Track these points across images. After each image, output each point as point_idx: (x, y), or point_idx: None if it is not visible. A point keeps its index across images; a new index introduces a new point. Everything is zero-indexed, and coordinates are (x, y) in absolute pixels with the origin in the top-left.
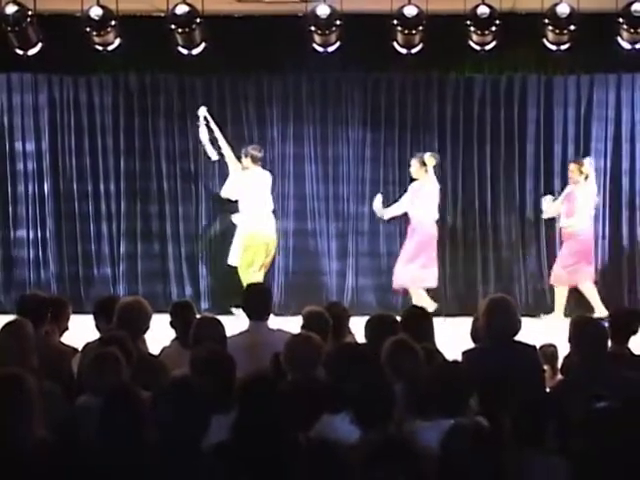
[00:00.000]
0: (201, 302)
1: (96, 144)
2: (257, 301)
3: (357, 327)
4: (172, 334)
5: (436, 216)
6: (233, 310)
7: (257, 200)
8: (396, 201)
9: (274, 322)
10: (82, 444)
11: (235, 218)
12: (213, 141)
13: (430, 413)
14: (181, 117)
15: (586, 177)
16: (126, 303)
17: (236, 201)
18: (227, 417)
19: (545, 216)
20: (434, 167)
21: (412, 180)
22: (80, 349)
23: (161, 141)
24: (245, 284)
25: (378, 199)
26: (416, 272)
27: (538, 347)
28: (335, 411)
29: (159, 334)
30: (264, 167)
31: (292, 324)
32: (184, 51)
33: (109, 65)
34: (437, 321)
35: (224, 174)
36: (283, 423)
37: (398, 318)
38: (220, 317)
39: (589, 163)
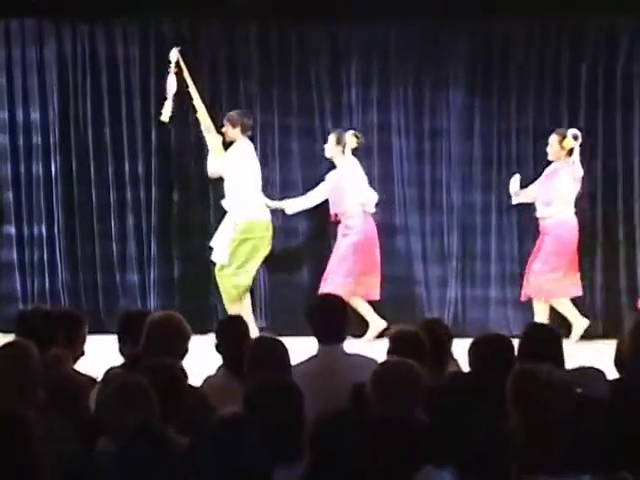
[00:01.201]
0: (257, 319)
1: (119, 111)
2: (330, 318)
3: (461, 352)
4: (218, 360)
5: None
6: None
7: (253, 180)
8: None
9: (351, 346)
10: None
11: (225, 203)
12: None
13: (560, 467)
14: (230, 73)
15: (570, 153)
16: (158, 320)
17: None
18: (293, 469)
19: (514, 201)
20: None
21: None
22: (99, 379)
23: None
24: (227, 289)
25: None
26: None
27: None
28: (440, 464)
29: (201, 360)
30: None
31: (376, 348)
32: None
33: (136, 10)
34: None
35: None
36: (371, 476)
37: (515, 341)
38: (282, 338)
39: (572, 136)
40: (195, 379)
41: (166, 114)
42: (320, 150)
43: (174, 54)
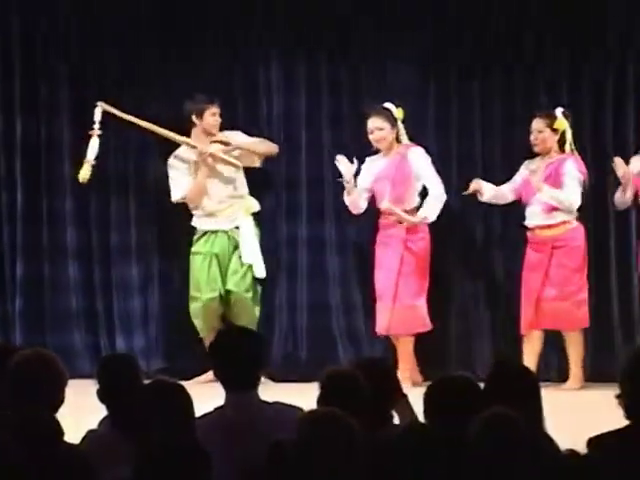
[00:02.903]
0: (151, 358)
1: None
2: (239, 358)
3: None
4: (102, 411)
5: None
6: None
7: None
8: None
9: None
10: None
11: (242, 205)
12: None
13: None
14: None
15: (563, 143)
16: (24, 359)
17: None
18: None
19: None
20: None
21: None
22: None
23: None
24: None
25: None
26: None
27: None
28: None
29: (81, 410)
30: None
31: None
32: None
33: None
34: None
35: None
36: None
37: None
38: (184, 383)
39: (562, 114)
40: (73, 434)
41: (84, 176)
42: None
43: (98, 113)
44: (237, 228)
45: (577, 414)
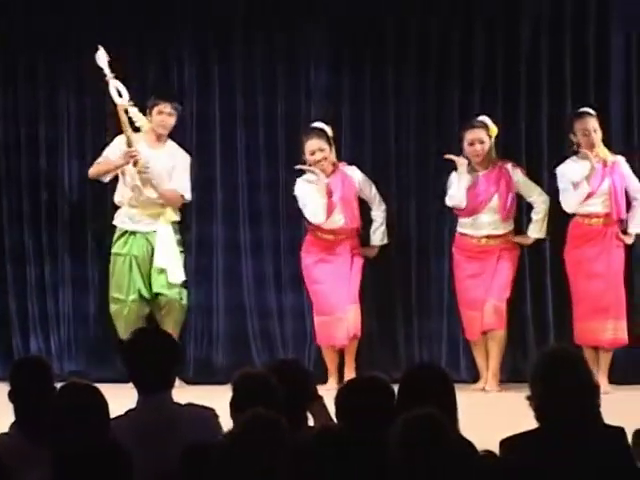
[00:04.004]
0: (63, 360)
1: None
2: (150, 359)
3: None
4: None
5: None
6: None
7: None
8: None
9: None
10: None
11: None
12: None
13: None
14: None
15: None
16: None
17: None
18: None
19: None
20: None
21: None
22: None
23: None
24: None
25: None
26: None
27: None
28: None
29: None
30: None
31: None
32: None
33: None
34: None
35: None
36: None
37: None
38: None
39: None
40: None
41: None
42: None
43: (103, 58)
44: (155, 232)
45: (492, 415)
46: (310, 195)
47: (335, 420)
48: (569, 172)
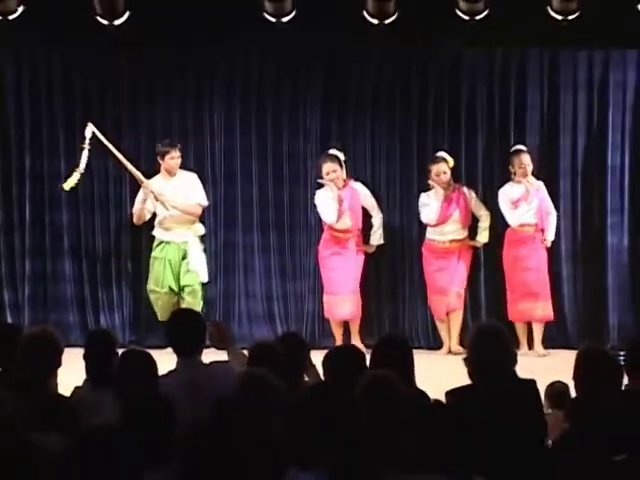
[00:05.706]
0: (125, 331)
1: None
2: (186, 332)
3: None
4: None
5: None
6: None
7: None
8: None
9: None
10: None
11: (191, 227)
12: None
13: (416, 467)
14: (100, 102)
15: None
16: (32, 334)
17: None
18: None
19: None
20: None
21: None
22: None
23: (76, 131)
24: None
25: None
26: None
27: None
28: (303, 466)
29: (73, 373)
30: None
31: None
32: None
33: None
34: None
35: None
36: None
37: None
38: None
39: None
40: (66, 390)
41: (70, 184)
42: None
43: (89, 130)
44: (186, 242)
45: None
46: (326, 202)
47: (322, 378)
48: (509, 193)
